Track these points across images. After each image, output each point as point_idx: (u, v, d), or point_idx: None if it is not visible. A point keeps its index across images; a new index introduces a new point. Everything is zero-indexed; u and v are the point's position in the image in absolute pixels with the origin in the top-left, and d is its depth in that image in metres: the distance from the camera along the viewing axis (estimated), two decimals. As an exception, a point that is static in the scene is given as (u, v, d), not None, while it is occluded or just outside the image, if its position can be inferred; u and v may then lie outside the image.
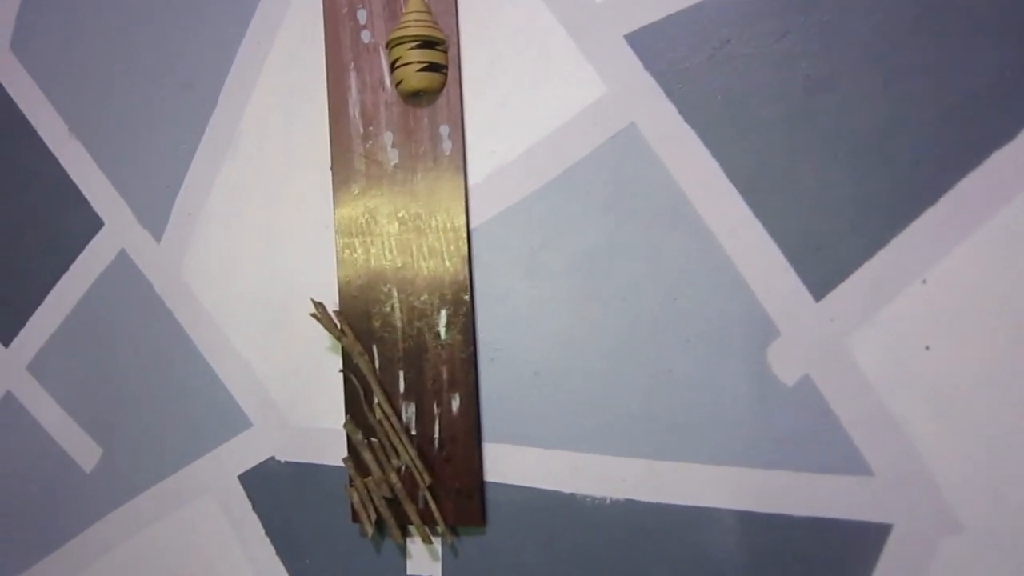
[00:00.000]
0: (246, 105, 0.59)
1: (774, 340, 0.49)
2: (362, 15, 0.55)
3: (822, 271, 0.49)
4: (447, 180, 0.54)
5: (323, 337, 0.57)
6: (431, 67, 0.52)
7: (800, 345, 0.49)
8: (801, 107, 0.48)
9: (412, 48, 0.52)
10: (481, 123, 0.54)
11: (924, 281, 0.47)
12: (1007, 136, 0.46)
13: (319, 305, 0.55)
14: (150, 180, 0.62)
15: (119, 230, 0.64)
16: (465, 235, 0.53)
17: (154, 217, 0.62)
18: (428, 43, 0.52)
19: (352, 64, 0.55)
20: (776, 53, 0.49)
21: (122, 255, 0.64)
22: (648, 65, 0.51)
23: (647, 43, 0.51)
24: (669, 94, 0.51)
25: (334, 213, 0.56)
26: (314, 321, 0.56)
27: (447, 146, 0.54)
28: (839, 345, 0.49)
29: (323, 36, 0.56)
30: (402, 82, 0.53)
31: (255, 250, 0.59)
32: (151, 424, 0.62)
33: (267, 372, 0.58)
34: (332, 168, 0.56)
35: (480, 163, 0.54)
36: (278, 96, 0.58)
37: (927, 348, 0.47)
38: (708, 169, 0.50)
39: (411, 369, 0.54)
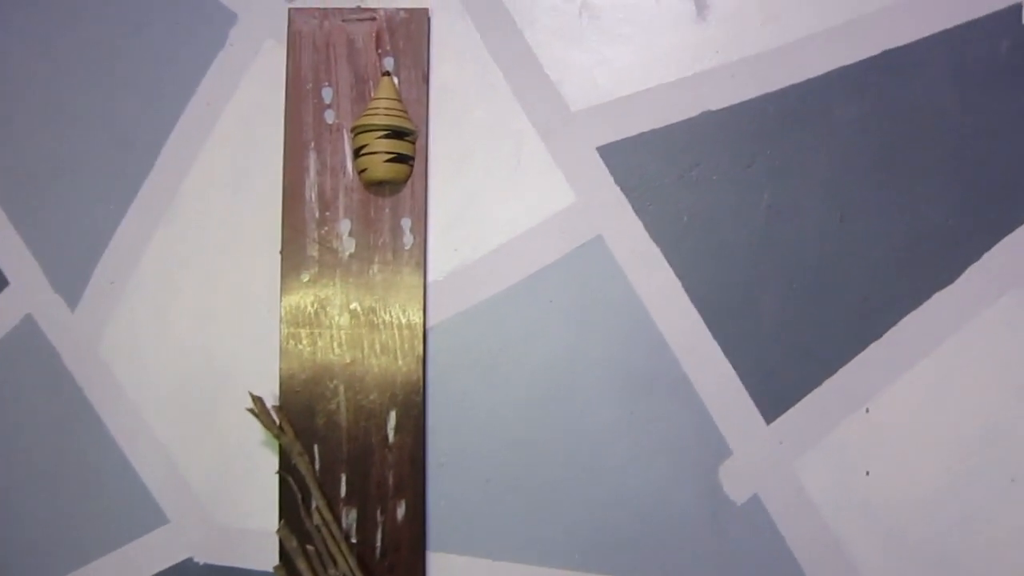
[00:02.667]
0: (189, 170, 0.55)
1: (726, 459, 0.50)
2: (327, 94, 0.52)
3: (774, 395, 0.50)
4: (406, 275, 0.51)
5: (258, 431, 0.53)
6: (399, 158, 0.50)
7: (750, 465, 0.50)
8: (762, 235, 0.50)
9: (380, 137, 0.50)
10: (445, 219, 0.52)
11: (867, 410, 0.49)
12: (948, 279, 0.49)
13: (257, 400, 0.51)
14: (69, 239, 0.56)
15: (26, 292, 0.57)
16: (421, 333, 0.51)
17: (70, 281, 0.56)
18: (397, 133, 0.50)
19: (312, 144, 0.52)
20: (742, 180, 0.50)
21: (27, 320, 0.57)
22: (618, 179, 0.51)
23: (618, 157, 0.51)
24: (637, 210, 0.51)
25: (280, 300, 0.52)
26: (246, 410, 0.52)
27: (408, 239, 0.52)
28: (787, 467, 0.49)
29: (283, 110, 0.53)
30: (367, 170, 0.50)
31: (187, 330, 0.54)
32: (51, 514, 0.55)
33: (190, 464, 0.53)
34: (282, 252, 0.52)
35: (441, 260, 0.52)
36: (226, 166, 0.54)
37: (867, 473, 0.49)
38: (671, 287, 0.50)
39: (355, 472, 0.51)
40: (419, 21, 0.53)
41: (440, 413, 0.52)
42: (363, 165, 0.51)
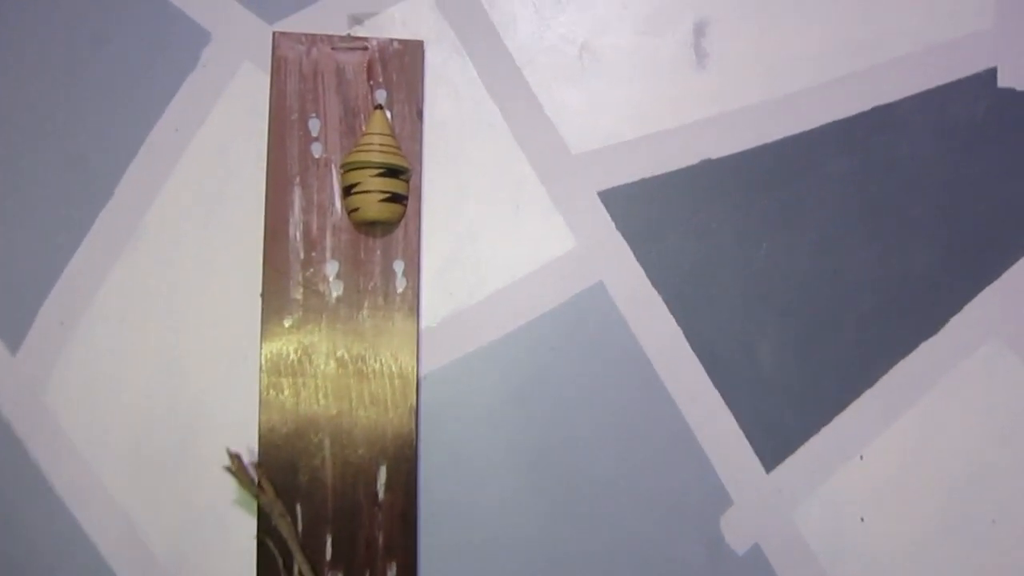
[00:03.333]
0: (153, 201, 0.50)
1: (727, 509, 0.49)
2: (315, 125, 0.49)
3: (773, 443, 0.50)
4: (398, 320, 0.49)
5: (231, 491, 0.48)
6: (393, 197, 0.47)
7: (751, 515, 0.49)
8: (760, 283, 0.50)
9: (375, 175, 0.47)
10: (440, 262, 0.50)
11: (861, 457, 0.50)
12: (933, 329, 0.50)
13: (235, 457, 0.47)
14: (12, 272, 0.50)
15: (-47, 334, 0.51)
16: (414, 383, 0.48)
17: (11, 321, 0.50)
18: (392, 171, 0.47)
19: (298, 179, 0.49)
20: (741, 229, 0.51)
21: (-45, 366, 0.51)
22: (619, 225, 0.50)
23: (620, 203, 0.50)
24: (638, 256, 0.50)
25: (261, 346, 0.48)
26: (221, 470, 0.47)
27: (401, 283, 0.49)
28: (786, 515, 0.49)
29: (264, 140, 0.49)
30: (359, 210, 0.47)
31: (150, 378, 0.49)
32: (-18, 591, 0.49)
33: (153, 530, 0.48)
34: (263, 294, 0.48)
35: (436, 305, 0.49)
36: (197, 198, 0.50)
37: (862, 520, 0.49)
38: (672, 335, 0.50)
39: (341, 533, 0.47)
40: (414, 53, 0.51)
41: (433, 468, 0.49)
42: (355, 204, 0.48)
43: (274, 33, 0.50)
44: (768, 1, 0.52)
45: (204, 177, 0.51)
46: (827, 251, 0.51)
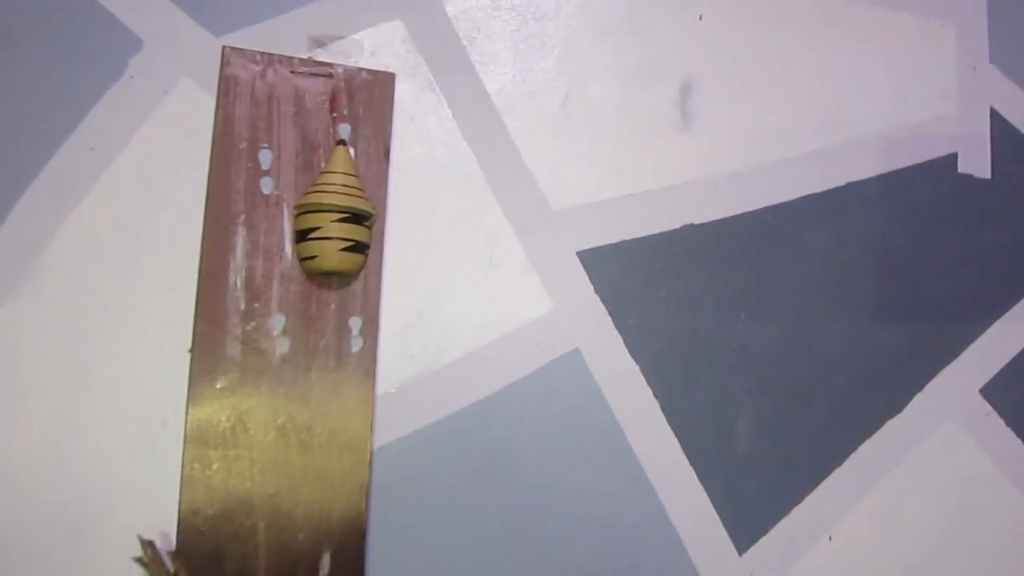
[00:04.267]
0: (56, 232, 0.43)
1: (698, 595, 0.47)
2: (266, 158, 0.43)
3: (746, 524, 0.48)
4: (351, 385, 0.43)
5: (142, 584, 0.41)
6: (356, 246, 0.42)
7: (722, 603, 0.47)
8: (737, 356, 0.49)
9: (335, 221, 0.41)
10: (401, 320, 0.45)
11: (830, 538, 0.49)
12: (898, 407, 0.50)
13: (147, 545, 0.39)
14: None
15: None
16: (367, 456, 0.43)
17: None
18: (356, 217, 0.42)
19: (243, 217, 0.42)
20: (721, 298, 0.49)
21: None
22: (598, 288, 0.47)
23: (599, 265, 0.47)
24: (617, 323, 0.47)
25: (187, 411, 0.41)
26: (130, 561, 0.40)
27: (356, 342, 0.43)
28: (756, 603, 0.47)
29: (206, 171, 0.43)
30: (316, 258, 0.42)
31: (41, 446, 0.41)
32: None
33: (35, 632, 0.40)
34: (192, 350, 0.41)
35: (395, 369, 0.44)
36: (117, 231, 0.43)
37: (828, 606, 0.48)
38: (649, 408, 0.47)
39: (276, 633, 0.41)
40: (384, 86, 0.46)
41: (384, 554, 0.44)
42: (311, 251, 0.42)
43: (224, 48, 0.44)
44: (751, 67, 0.51)
45: (125, 207, 0.44)
46: (802, 325, 0.51)
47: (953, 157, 0.54)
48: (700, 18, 0.51)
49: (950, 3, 0.56)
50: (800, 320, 0.50)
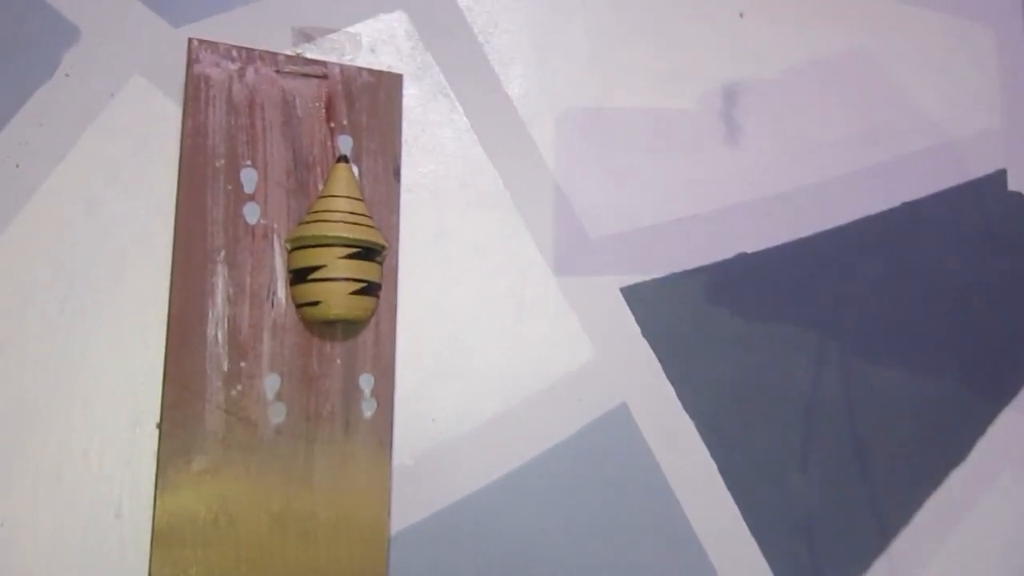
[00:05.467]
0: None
1: None
2: (249, 178, 0.36)
3: (809, 597, 0.43)
4: (362, 459, 0.36)
5: None
6: (367, 288, 0.35)
7: None
8: (797, 407, 0.44)
9: (343, 257, 0.34)
10: (419, 377, 0.38)
11: (895, 607, 0.44)
12: (960, 456, 0.47)
13: None
14: None
15: None
16: (384, 547, 0.36)
17: None
18: (366, 251, 0.35)
19: (222, 254, 0.35)
20: (779, 339, 0.44)
21: None
22: (645, 330, 0.41)
23: (645, 302, 0.41)
24: (667, 372, 0.41)
25: (154, 502, 0.33)
26: None
27: (368, 406, 0.36)
28: None
29: (172, 196, 0.35)
30: (320, 304, 0.34)
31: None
32: None
33: None
34: (161, 424, 0.33)
35: (412, 435, 0.38)
36: (46, 272, 0.34)
37: None
38: (705, 470, 0.42)
39: None
40: (390, 90, 0.39)
41: (407, 666, 0.36)
42: (313, 295, 0.35)
43: (191, 41, 0.36)
44: (796, 71, 0.47)
45: (63, 241, 0.35)
46: (863, 365, 0.46)
47: (1002, 174, 0.51)
48: (741, 15, 0.46)
49: (986, 3, 0.53)
50: (860, 360, 0.46)
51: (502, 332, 0.40)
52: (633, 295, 0.42)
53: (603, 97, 0.43)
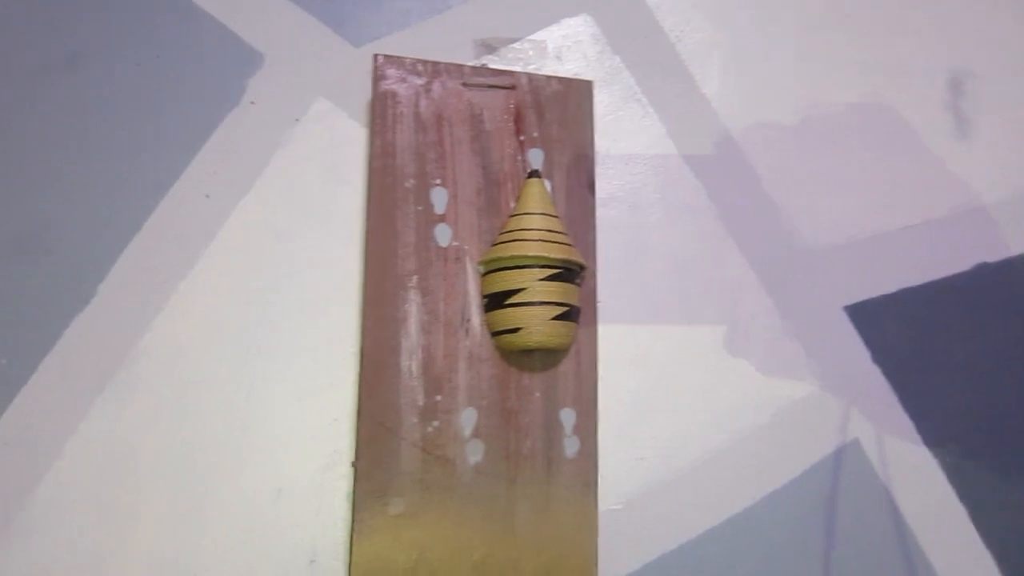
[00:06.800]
0: (163, 307, 0.33)
1: None
2: (439, 197, 0.34)
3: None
4: (566, 502, 0.33)
5: None
6: (569, 313, 0.32)
7: None
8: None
9: (542, 279, 0.32)
10: (624, 412, 0.35)
11: None
12: None
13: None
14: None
15: None
16: (593, 601, 0.32)
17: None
18: (566, 272, 0.32)
19: (414, 280, 0.33)
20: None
21: None
22: (876, 356, 0.36)
23: (874, 323, 0.36)
24: (904, 403, 0.36)
25: (349, 548, 0.31)
26: None
27: (571, 444, 0.33)
28: None
29: (360, 219, 0.34)
30: (519, 331, 0.32)
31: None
32: None
33: None
34: (355, 462, 0.31)
35: (619, 477, 0.34)
36: (231, 304, 0.33)
37: None
38: (955, 520, 0.36)
39: None
40: (580, 98, 0.37)
41: None
42: (513, 321, 0.33)
43: (376, 57, 0.35)
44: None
45: (250, 271, 0.34)
46: None
47: None
48: (963, -4, 0.41)
49: None
50: None
51: (712, 360, 0.36)
52: (859, 314, 0.38)
53: (812, 93, 0.39)
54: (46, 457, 0.33)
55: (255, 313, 0.34)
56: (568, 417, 0.35)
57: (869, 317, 0.38)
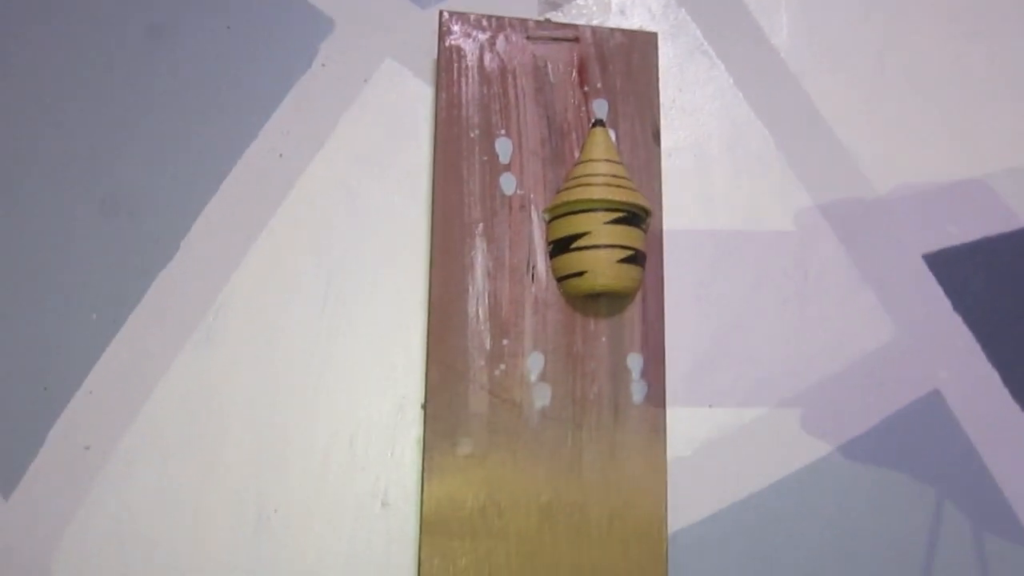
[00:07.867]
0: (241, 259, 0.35)
1: None
2: (504, 148, 0.35)
3: None
4: (634, 448, 0.33)
5: None
6: (634, 257, 0.32)
7: None
8: None
9: (608, 223, 0.32)
10: (691, 358, 0.35)
11: None
12: None
13: None
14: (12, 363, 0.34)
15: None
16: (662, 548, 0.33)
17: (5, 448, 0.34)
18: (632, 217, 0.32)
19: (480, 227, 0.34)
20: None
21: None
22: (958, 304, 0.35)
23: (956, 272, 0.36)
24: (988, 352, 0.35)
25: (420, 488, 0.32)
26: None
27: (638, 389, 0.34)
28: None
29: (427, 172, 0.35)
30: (585, 275, 0.32)
31: (228, 535, 0.32)
32: None
33: None
34: (425, 405, 0.32)
35: (687, 424, 0.34)
36: (309, 255, 0.35)
37: None
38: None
39: None
40: (644, 50, 0.37)
41: None
42: (578, 265, 0.33)
43: (442, 13, 0.37)
44: None
45: (323, 225, 0.36)
46: None
47: None
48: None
49: None
50: None
51: (784, 309, 0.36)
52: (939, 262, 0.37)
53: (885, 38, 0.39)
54: (136, 402, 0.35)
55: (327, 265, 0.36)
56: (635, 362, 0.35)
57: (949, 266, 0.37)
